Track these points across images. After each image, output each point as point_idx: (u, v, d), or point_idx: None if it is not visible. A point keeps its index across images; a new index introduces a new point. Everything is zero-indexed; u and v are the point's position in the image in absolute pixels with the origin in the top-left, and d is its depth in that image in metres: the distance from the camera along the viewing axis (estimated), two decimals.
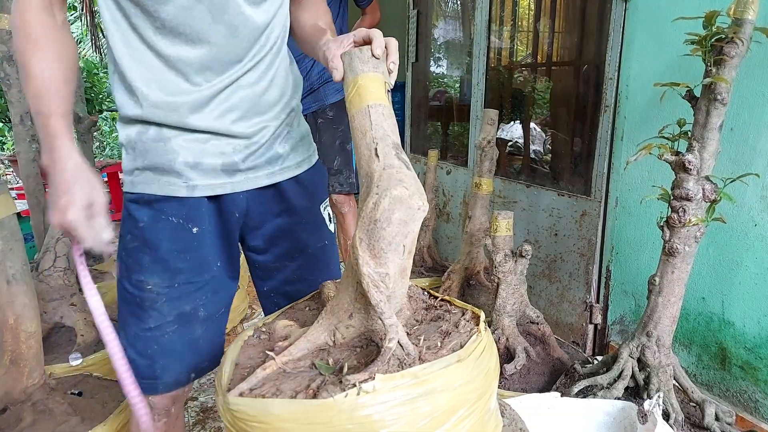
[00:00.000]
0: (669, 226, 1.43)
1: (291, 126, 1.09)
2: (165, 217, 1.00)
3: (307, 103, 2.35)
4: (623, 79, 1.99)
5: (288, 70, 1.08)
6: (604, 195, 2.11)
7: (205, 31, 0.92)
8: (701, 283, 1.80)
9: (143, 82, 0.93)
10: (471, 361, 0.73)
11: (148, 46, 0.92)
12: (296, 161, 1.10)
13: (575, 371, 1.67)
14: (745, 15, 1.30)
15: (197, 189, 1.00)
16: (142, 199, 1.00)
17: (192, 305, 1.04)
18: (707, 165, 1.38)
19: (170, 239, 1.00)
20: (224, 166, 1.00)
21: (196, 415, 1.93)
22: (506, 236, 1.80)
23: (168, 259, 1.00)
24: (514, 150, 3.31)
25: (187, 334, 1.05)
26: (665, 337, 1.49)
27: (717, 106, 1.33)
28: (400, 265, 0.74)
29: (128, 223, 1.01)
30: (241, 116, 0.99)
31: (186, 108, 0.94)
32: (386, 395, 0.66)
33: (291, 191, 1.09)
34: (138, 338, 1.02)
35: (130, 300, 1.02)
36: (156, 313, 1.01)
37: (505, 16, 2.95)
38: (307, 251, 1.14)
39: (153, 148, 0.97)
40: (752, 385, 1.69)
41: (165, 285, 1.00)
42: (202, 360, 1.09)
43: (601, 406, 1.39)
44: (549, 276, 2.43)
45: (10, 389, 1.57)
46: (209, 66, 0.94)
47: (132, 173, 1.00)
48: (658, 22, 1.85)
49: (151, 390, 1.04)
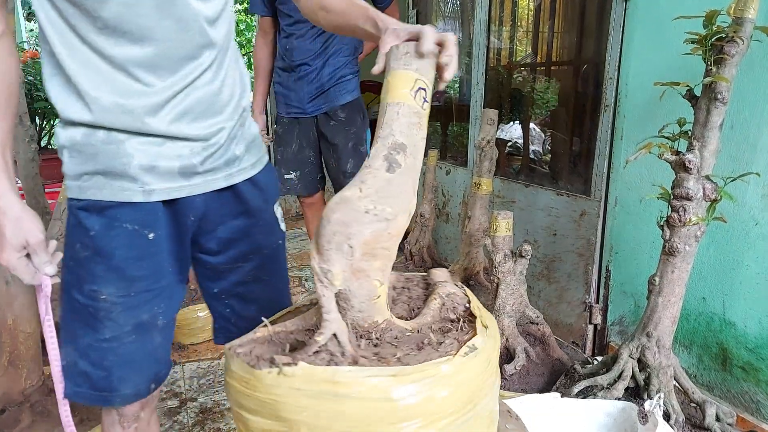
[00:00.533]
0: (669, 225, 1.43)
1: (243, 126, 1.07)
2: (119, 224, 0.94)
3: (317, 105, 2.32)
4: (623, 78, 1.98)
5: (236, 67, 1.05)
6: (603, 194, 2.11)
7: (152, 27, 0.87)
8: (702, 283, 1.80)
9: (92, 85, 0.88)
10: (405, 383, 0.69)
11: (90, 47, 0.87)
12: (251, 162, 1.08)
13: (575, 372, 1.67)
14: (746, 14, 1.30)
15: (154, 194, 0.95)
16: (92, 206, 0.94)
17: (150, 313, 1.00)
18: (708, 164, 1.38)
19: (126, 247, 0.95)
20: (182, 169, 0.96)
21: (196, 415, 1.92)
22: (506, 236, 1.80)
23: (124, 268, 0.95)
24: (513, 150, 3.31)
25: (147, 343, 1.01)
26: (665, 337, 1.48)
27: (717, 105, 1.33)
28: (349, 264, 0.74)
29: (78, 231, 0.95)
30: (196, 118, 0.96)
31: (141, 111, 0.90)
32: (301, 384, 0.69)
33: (248, 193, 1.07)
34: (92, 348, 0.97)
35: (81, 310, 0.97)
36: (111, 323, 0.96)
37: (505, 16, 2.95)
38: (263, 252, 1.12)
39: (103, 151, 0.91)
40: (753, 385, 1.69)
41: (121, 294, 0.96)
42: (160, 368, 1.05)
43: (601, 406, 1.39)
44: (548, 276, 2.42)
45: (8, 390, 1.57)
46: (160, 64, 0.90)
47: (79, 178, 0.93)
48: (657, 21, 1.85)
49: (106, 402, 1.01)
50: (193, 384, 2.13)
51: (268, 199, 1.12)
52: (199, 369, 2.24)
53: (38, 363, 1.66)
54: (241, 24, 8.46)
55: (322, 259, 0.74)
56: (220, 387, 2.10)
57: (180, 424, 1.87)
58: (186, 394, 2.06)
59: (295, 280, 3.27)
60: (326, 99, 2.33)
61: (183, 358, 2.32)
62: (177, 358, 2.33)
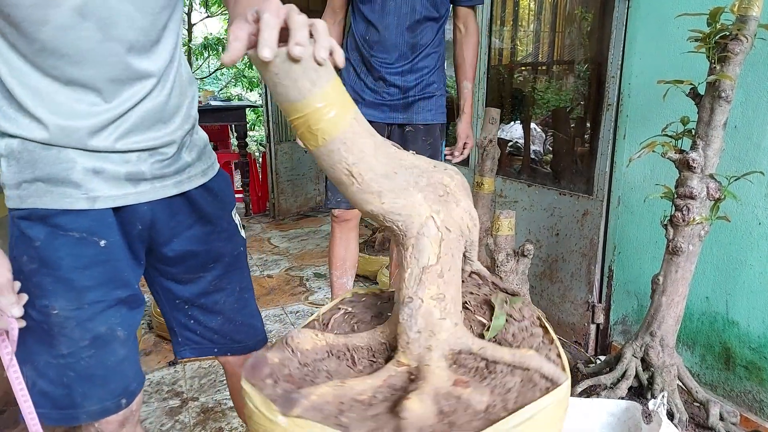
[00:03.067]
0: (673, 224, 1.42)
1: (193, 135, 1.03)
2: (64, 233, 0.89)
3: (395, 116, 2.03)
4: (626, 77, 1.98)
5: (181, 74, 0.99)
6: (606, 194, 2.10)
7: (94, 50, 0.83)
8: (705, 282, 1.79)
9: (33, 104, 0.84)
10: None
11: (32, 65, 0.83)
12: (202, 168, 1.04)
13: (578, 371, 1.66)
14: (750, 11, 1.29)
15: (99, 200, 0.90)
16: (34, 215, 0.88)
17: (107, 325, 0.94)
18: (711, 163, 1.37)
19: (72, 256, 0.90)
20: (129, 175, 0.91)
21: (197, 415, 1.92)
22: (508, 236, 1.79)
23: (72, 278, 0.90)
24: (514, 150, 3.30)
25: (109, 356, 0.95)
26: (669, 336, 1.48)
27: (721, 103, 1.32)
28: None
29: (22, 243, 0.89)
30: (143, 132, 0.92)
31: (84, 132, 0.86)
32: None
33: (201, 200, 1.03)
34: (50, 366, 0.92)
35: (35, 328, 0.91)
36: (66, 339, 0.91)
37: (506, 16, 2.94)
38: (224, 260, 1.09)
39: (43, 157, 0.86)
40: (757, 385, 1.68)
41: (73, 307, 0.90)
42: (128, 383, 1.00)
43: (604, 406, 1.38)
44: (551, 276, 2.41)
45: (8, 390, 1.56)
46: (103, 87, 0.86)
47: (18, 187, 0.87)
48: (660, 19, 1.84)
49: (72, 420, 0.95)
50: (195, 384, 2.12)
51: (224, 206, 1.09)
52: (200, 369, 2.24)
53: None
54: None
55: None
56: (221, 386, 2.10)
57: (181, 424, 1.87)
58: (187, 393, 2.05)
59: (296, 280, 3.27)
60: (406, 112, 2.03)
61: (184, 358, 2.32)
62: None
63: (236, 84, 9.91)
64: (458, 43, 2.06)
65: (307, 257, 3.69)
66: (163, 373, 2.20)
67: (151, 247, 1.02)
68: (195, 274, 1.06)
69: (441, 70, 2.03)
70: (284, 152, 4.63)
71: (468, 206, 0.72)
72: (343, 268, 2.13)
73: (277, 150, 4.58)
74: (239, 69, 9.61)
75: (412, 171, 0.67)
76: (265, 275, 3.38)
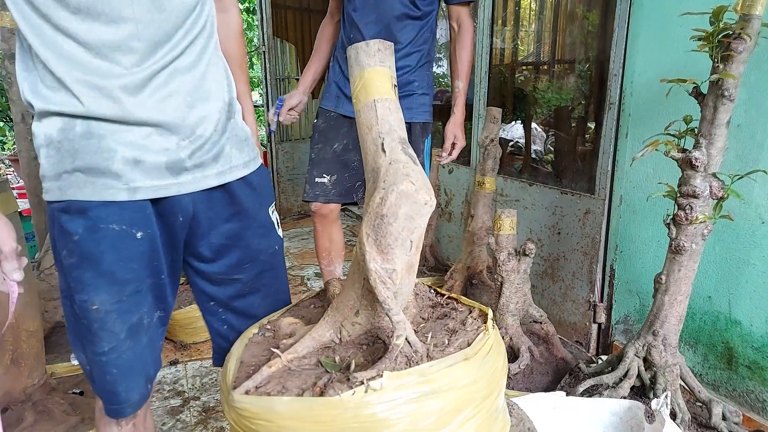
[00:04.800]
0: (676, 223, 1.42)
1: (232, 120, 1.02)
2: (105, 225, 0.88)
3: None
4: (628, 76, 1.97)
5: (219, 58, 1.00)
6: (608, 193, 2.10)
7: (127, 7, 0.83)
8: (707, 281, 1.79)
9: (67, 71, 0.84)
10: (478, 360, 0.72)
11: (65, 34, 0.83)
12: (244, 160, 1.03)
13: (580, 370, 1.66)
14: (753, 10, 1.29)
15: (139, 191, 0.89)
16: (73, 208, 0.88)
17: (138, 315, 0.95)
18: (714, 162, 1.37)
19: (114, 249, 0.89)
20: (169, 163, 0.90)
21: (198, 414, 1.91)
22: (509, 235, 1.79)
23: (114, 271, 0.90)
24: (515, 150, 3.30)
25: (138, 346, 0.97)
26: (672, 336, 1.47)
27: (724, 102, 1.32)
28: (406, 261, 0.73)
29: (62, 238, 0.89)
30: (182, 103, 0.90)
31: (120, 91, 0.85)
32: (393, 393, 0.65)
33: (241, 193, 1.02)
34: (95, 364, 0.94)
35: (77, 323, 0.93)
36: (107, 333, 0.92)
37: (507, 15, 2.94)
38: (259, 259, 1.07)
39: (83, 147, 0.85)
40: (759, 384, 1.68)
41: (113, 300, 0.91)
42: (149, 368, 1.02)
43: (607, 405, 1.38)
44: (552, 275, 2.41)
45: (10, 389, 1.56)
46: (136, 47, 0.85)
47: (59, 178, 0.87)
48: (663, 18, 1.84)
49: (120, 414, 0.98)
50: (196, 383, 2.12)
51: (263, 201, 1.08)
52: (202, 368, 2.24)
53: (41, 361, 1.66)
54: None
55: (385, 258, 0.71)
56: None
57: (183, 423, 1.87)
58: (189, 392, 2.05)
59: (297, 279, 3.26)
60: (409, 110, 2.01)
61: (185, 357, 2.32)
62: (179, 357, 2.32)
63: None
64: (452, 41, 2.05)
65: (307, 256, 3.69)
66: (165, 372, 2.20)
67: (187, 241, 1.01)
68: (229, 275, 1.05)
69: (424, 69, 2.01)
70: (285, 152, 4.63)
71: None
72: (329, 258, 2.15)
73: (278, 150, 4.58)
74: None
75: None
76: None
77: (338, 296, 0.81)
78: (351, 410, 0.64)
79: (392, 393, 0.65)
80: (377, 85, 0.78)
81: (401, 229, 0.70)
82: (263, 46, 4.25)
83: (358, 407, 0.64)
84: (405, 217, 0.70)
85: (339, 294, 0.82)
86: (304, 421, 0.65)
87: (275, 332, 0.87)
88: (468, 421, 0.70)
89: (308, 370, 0.74)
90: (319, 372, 0.72)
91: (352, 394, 0.64)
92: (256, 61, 9.28)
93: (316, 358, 0.77)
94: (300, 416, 0.65)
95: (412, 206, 0.70)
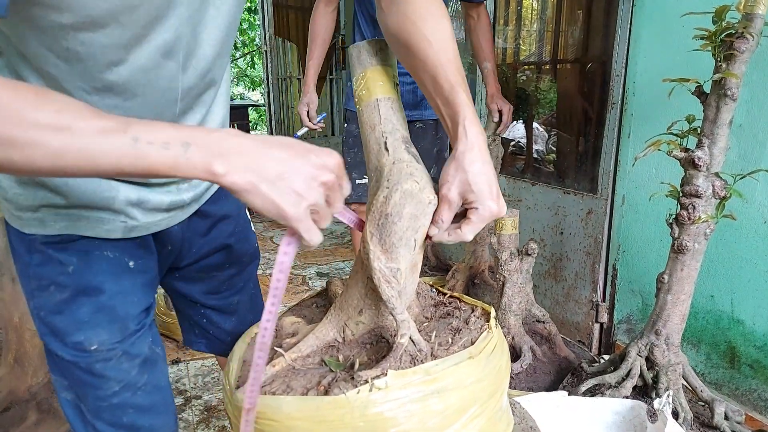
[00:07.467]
0: (678, 223, 1.42)
1: None
2: (100, 252, 0.80)
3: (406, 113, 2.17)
4: (630, 76, 1.97)
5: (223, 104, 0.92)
6: (610, 193, 2.10)
7: (166, 86, 0.73)
8: (710, 280, 1.79)
9: None
10: (482, 358, 0.72)
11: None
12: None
13: (582, 370, 1.66)
14: (756, 9, 1.28)
15: (135, 230, 0.82)
16: (65, 240, 0.79)
17: (147, 344, 0.87)
18: (717, 161, 1.37)
19: (114, 278, 0.81)
20: (171, 204, 0.85)
21: (200, 413, 1.92)
22: (512, 234, 1.79)
23: (115, 305, 0.81)
24: (517, 150, 3.29)
25: (156, 377, 0.87)
26: (674, 335, 1.47)
27: (727, 101, 1.32)
28: (411, 260, 0.73)
29: (49, 271, 0.78)
30: None
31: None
32: (398, 392, 0.65)
33: (216, 202, 0.98)
34: (101, 410, 0.82)
35: (69, 369, 0.80)
36: (115, 372, 0.81)
37: (509, 15, 2.94)
38: (241, 260, 1.05)
39: (80, 183, 0.76)
40: (762, 383, 1.68)
41: (116, 340, 0.80)
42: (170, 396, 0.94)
43: (609, 405, 1.38)
44: (554, 275, 2.41)
45: (14, 388, 1.57)
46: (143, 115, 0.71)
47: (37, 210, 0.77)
48: (665, 17, 1.84)
49: None
50: (198, 382, 2.13)
51: (238, 203, 1.03)
52: (204, 367, 2.24)
53: (44, 361, 1.66)
54: (243, 23, 8.44)
55: (389, 258, 0.71)
56: None
57: (185, 422, 1.87)
58: (190, 392, 2.06)
59: (299, 279, 3.27)
60: (417, 108, 2.20)
61: (187, 356, 2.32)
62: (181, 356, 2.32)
63: (239, 83, 9.92)
64: (472, 30, 2.22)
65: (309, 256, 3.69)
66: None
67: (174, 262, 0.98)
68: (208, 273, 1.03)
69: None
70: None
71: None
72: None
73: None
74: (241, 69, 9.62)
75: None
76: (267, 274, 3.38)
77: (341, 295, 0.81)
78: (358, 409, 0.64)
79: (398, 392, 0.65)
80: (380, 84, 0.78)
81: (405, 228, 0.70)
82: (265, 46, 4.26)
83: (364, 406, 0.64)
84: (409, 216, 0.70)
85: (342, 293, 0.82)
86: (311, 420, 0.65)
87: (277, 332, 0.87)
88: (473, 420, 0.70)
89: (312, 369, 0.73)
90: (323, 371, 0.72)
91: (357, 393, 0.64)
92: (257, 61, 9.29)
93: (320, 357, 0.77)
94: (306, 416, 0.65)
95: (416, 205, 0.70)
